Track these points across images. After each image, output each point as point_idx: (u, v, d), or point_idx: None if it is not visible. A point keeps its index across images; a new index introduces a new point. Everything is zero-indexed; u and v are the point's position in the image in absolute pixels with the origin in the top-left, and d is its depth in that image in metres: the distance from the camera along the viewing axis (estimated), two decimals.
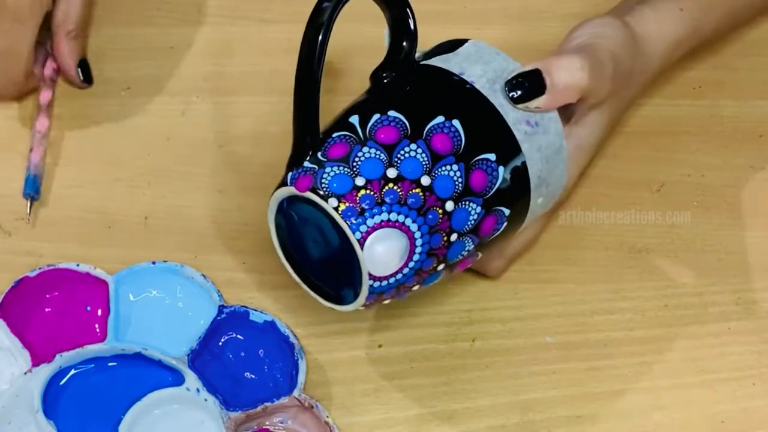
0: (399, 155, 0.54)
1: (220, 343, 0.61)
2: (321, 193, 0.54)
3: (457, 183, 0.55)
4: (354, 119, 0.56)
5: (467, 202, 0.55)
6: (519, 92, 0.57)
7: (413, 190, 0.54)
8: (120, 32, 0.74)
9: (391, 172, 0.54)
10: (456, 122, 0.55)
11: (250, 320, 0.61)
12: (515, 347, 0.63)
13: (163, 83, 0.72)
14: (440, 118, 0.55)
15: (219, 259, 0.65)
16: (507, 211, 0.57)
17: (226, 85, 0.72)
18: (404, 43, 0.58)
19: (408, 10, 0.57)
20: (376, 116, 0.55)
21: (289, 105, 0.71)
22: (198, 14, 0.76)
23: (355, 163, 0.54)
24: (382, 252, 0.54)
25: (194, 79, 0.72)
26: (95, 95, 0.71)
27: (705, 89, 0.76)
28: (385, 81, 0.58)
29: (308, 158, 0.55)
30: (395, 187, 0.54)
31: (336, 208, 0.53)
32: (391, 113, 0.55)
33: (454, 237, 0.55)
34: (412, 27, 0.58)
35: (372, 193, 0.54)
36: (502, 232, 0.58)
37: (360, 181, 0.54)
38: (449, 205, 0.55)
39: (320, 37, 0.54)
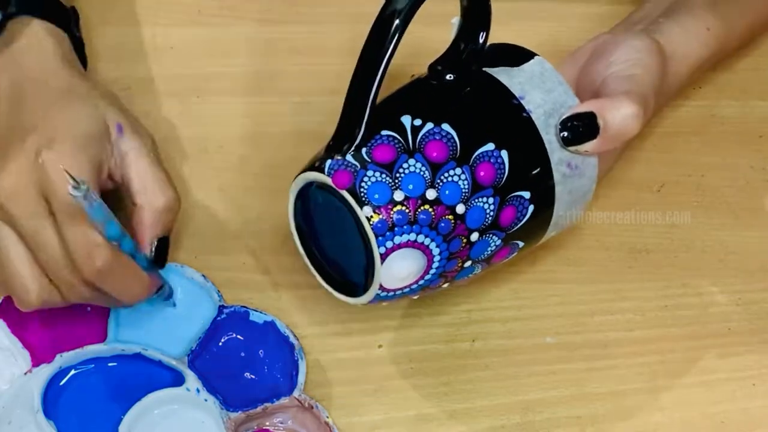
0: (442, 177, 0.53)
1: (220, 344, 0.61)
2: (358, 197, 0.53)
3: (488, 216, 0.54)
4: (406, 121, 0.54)
5: (491, 235, 0.55)
6: (571, 134, 0.55)
7: (446, 216, 0.53)
8: (120, 32, 0.74)
9: (431, 194, 0.53)
10: (504, 153, 0.54)
11: (250, 320, 0.61)
12: (515, 347, 0.63)
13: (163, 83, 0.72)
14: (490, 146, 0.54)
15: (219, 259, 0.65)
16: (521, 244, 0.57)
17: (226, 85, 0.72)
18: (469, 47, 0.56)
19: (487, 23, 0.56)
20: (430, 126, 0.54)
21: (290, 106, 0.72)
22: (198, 14, 0.76)
23: (398, 175, 0.53)
24: (398, 269, 0.54)
25: (194, 79, 0.72)
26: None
27: (705, 89, 0.76)
28: (444, 82, 0.56)
29: (352, 151, 0.53)
30: (430, 210, 0.53)
31: (369, 218, 0.52)
32: (445, 127, 0.54)
33: (468, 264, 0.55)
34: (481, 40, 0.56)
35: (407, 210, 0.53)
36: (509, 260, 0.58)
37: (399, 196, 0.53)
38: (474, 236, 0.54)
39: (396, 23, 0.51)
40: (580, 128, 0.55)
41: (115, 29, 0.74)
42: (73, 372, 0.59)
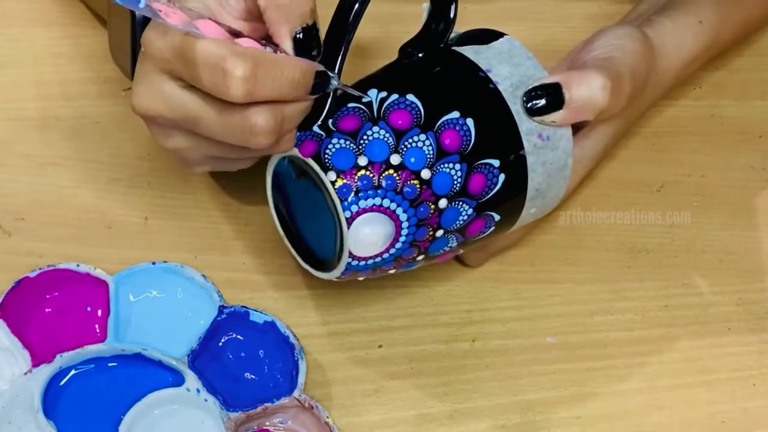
0: (406, 143, 0.54)
1: (220, 344, 0.61)
2: (323, 163, 0.54)
3: (455, 182, 0.55)
4: (372, 93, 0.55)
5: (460, 203, 0.55)
6: (536, 104, 0.56)
7: (411, 181, 0.54)
8: None
9: (395, 159, 0.54)
10: (470, 121, 0.55)
11: (250, 320, 0.61)
12: (515, 347, 0.63)
13: None
14: (455, 114, 0.55)
15: (219, 259, 0.65)
16: (497, 217, 0.57)
17: None
18: (440, 26, 0.57)
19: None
20: (395, 96, 0.55)
21: None
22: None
23: (362, 141, 0.54)
24: (366, 234, 0.54)
25: None
26: (95, 95, 0.71)
27: (705, 89, 0.76)
28: (413, 60, 0.58)
29: (319, 123, 0.55)
30: (394, 174, 0.54)
31: (333, 183, 0.54)
32: (410, 97, 0.55)
33: (440, 233, 0.56)
34: (452, 14, 0.57)
35: (371, 175, 0.54)
36: (488, 234, 0.58)
37: (362, 161, 0.54)
38: (443, 203, 0.55)
39: (356, 7, 0.54)
40: (545, 97, 0.56)
41: None
42: (73, 372, 0.59)
